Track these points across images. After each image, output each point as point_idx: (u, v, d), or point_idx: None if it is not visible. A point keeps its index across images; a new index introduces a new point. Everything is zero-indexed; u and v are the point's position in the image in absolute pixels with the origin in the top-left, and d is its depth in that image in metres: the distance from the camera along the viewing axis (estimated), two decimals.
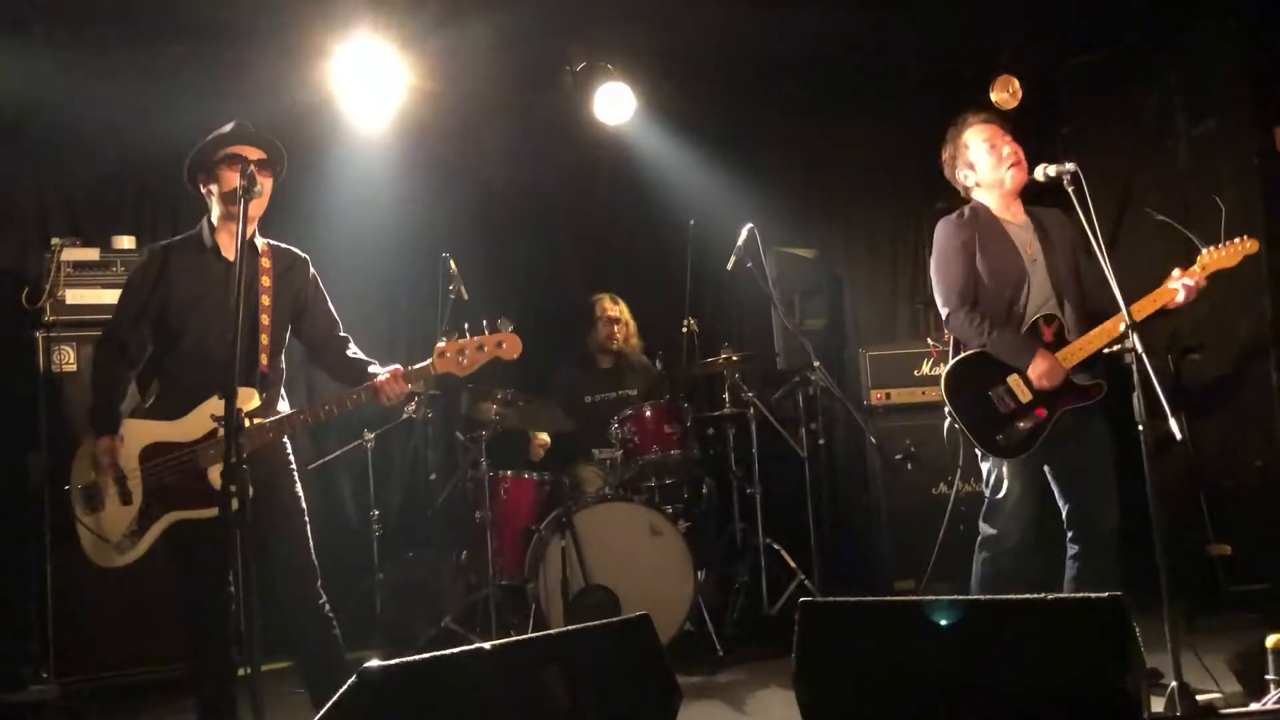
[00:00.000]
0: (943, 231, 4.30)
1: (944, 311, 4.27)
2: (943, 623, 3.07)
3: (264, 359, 3.70)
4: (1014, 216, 4.26)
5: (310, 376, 5.61)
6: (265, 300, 3.74)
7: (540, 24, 5.77)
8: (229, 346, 3.40)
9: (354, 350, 3.93)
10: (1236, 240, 4.08)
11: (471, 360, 3.66)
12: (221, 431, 3.47)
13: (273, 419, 3.66)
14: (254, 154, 3.70)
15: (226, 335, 3.54)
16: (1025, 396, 4.08)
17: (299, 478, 3.83)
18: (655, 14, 5.84)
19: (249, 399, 3.60)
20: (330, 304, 3.98)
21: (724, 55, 6.30)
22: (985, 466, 4.23)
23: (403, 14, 5.53)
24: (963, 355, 4.21)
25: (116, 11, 5.29)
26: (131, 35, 5.41)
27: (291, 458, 3.82)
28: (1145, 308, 3.99)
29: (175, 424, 3.63)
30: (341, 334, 3.96)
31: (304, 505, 3.80)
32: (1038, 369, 4.03)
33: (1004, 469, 4.14)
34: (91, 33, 5.32)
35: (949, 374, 4.22)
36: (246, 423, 3.44)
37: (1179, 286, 4.01)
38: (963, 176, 4.32)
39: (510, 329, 3.70)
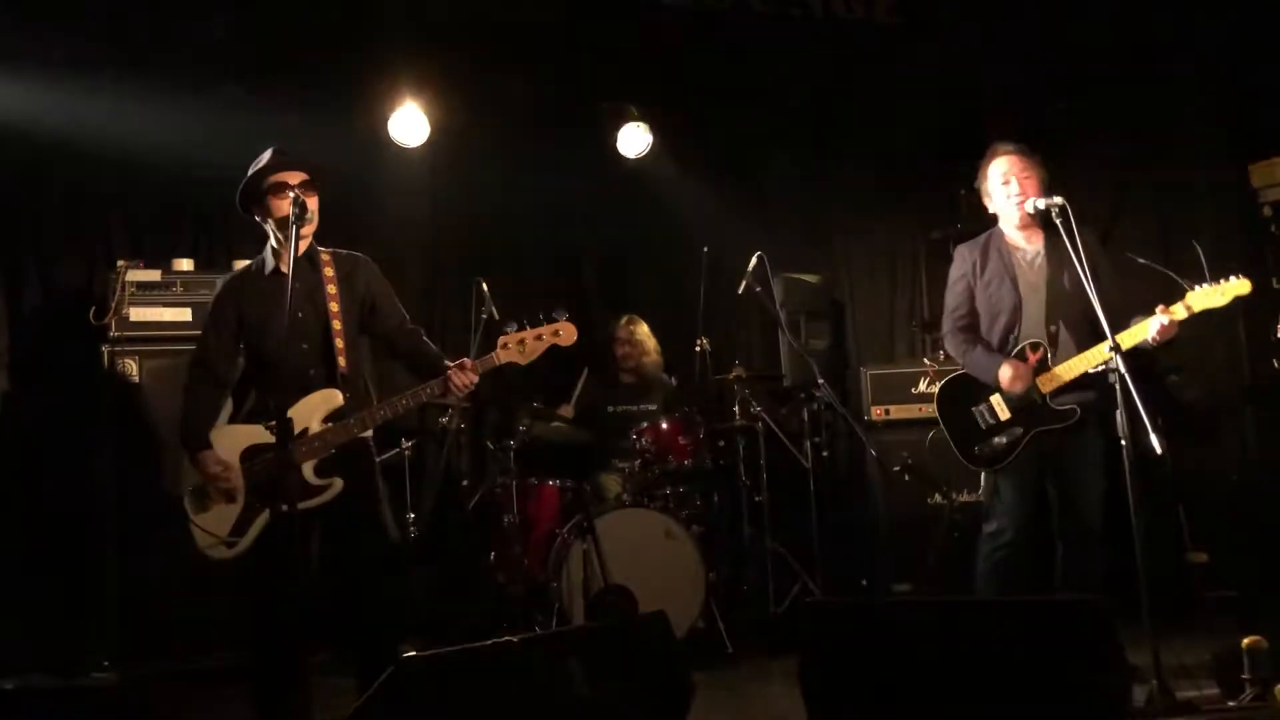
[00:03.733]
0: (955, 258, 4.38)
1: (942, 330, 4.38)
2: (939, 622, 3.07)
3: (341, 360, 3.70)
4: (1026, 243, 4.23)
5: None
6: (334, 306, 3.73)
7: (567, 70, 5.82)
8: (298, 355, 3.57)
9: (428, 344, 3.89)
10: (1232, 279, 3.87)
11: (531, 349, 3.69)
12: (312, 429, 3.59)
13: (362, 413, 3.66)
14: (296, 178, 3.69)
15: (301, 344, 3.65)
16: (1004, 415, 4.12)
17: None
18: (673, 57, 5.89)
19: (332, 399, 3.65)
20: (396, 300, 3.94)
21: (734, 98, 6.33)
22: (984, 473, 4.25)
23: (441, 59, 5.59)
24: (955, 374, 4.32)
25: (179, 58, 5.35)
26: (192, 77, 5.47)
27: (374, 453, 3.82)
28: (1127, 340, 3.87)
29: (272, 427, 3.62)
30: (411, 326, 3.92)
31: (383, 501, 3.81)
32: (1005, 375, 4.07)
33: (996, 476, 4.17)
34: (157, 76, 5.38)
35: (942, 389, 4.33)
36: (313, 425, 3.54)
37: (1159, 323, 3.85)
38: (986, 201, 4.33)
39: (565, 317, 3.73)
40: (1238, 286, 3.88)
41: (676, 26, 5.60)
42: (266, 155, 3.77)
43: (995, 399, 4.14)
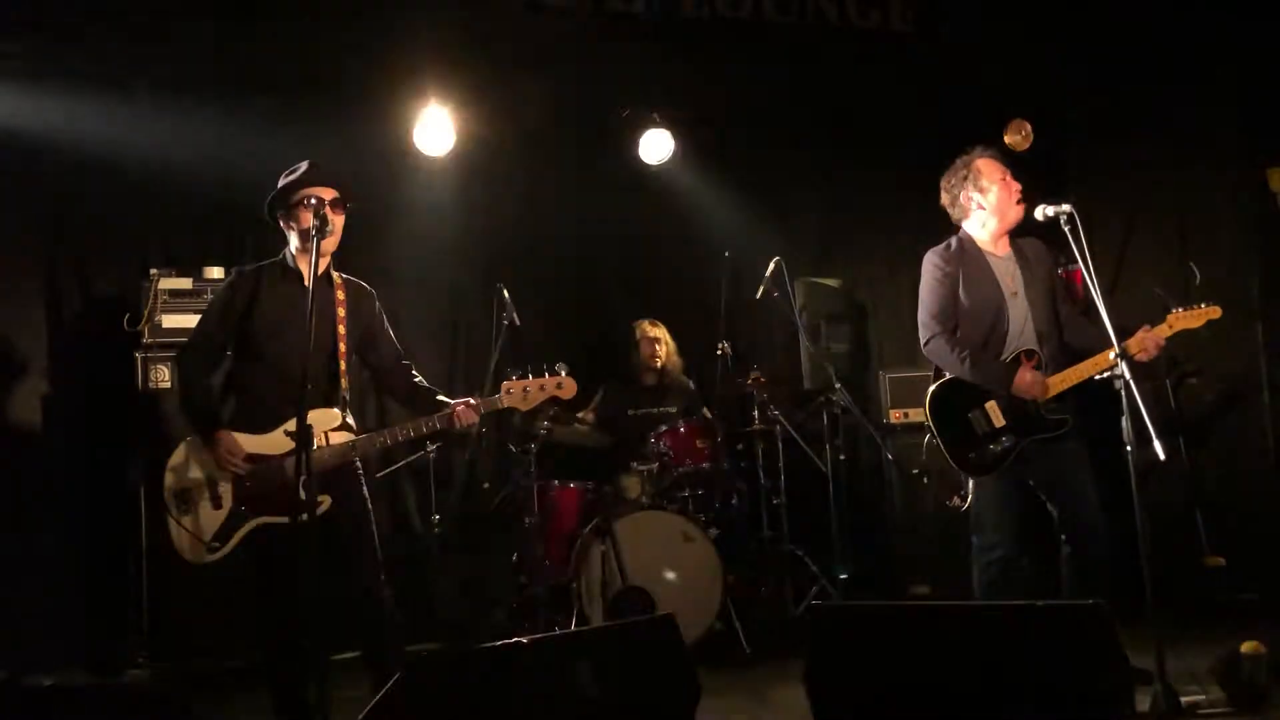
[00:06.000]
0: (929, 262, 4.34)
1: (923, 336, 4.30)
2: (942, 626, 3.12)
3: (344, 382, 3.79)
4: (998, 249, 4.28)
5: (381, 399, 5.74)
6: (341, 329, 3.82)
7: (589, 76, 5.89)
8: (310, 367, 3.54)
9: (418, 376, 4.01)
10: (1203, 305, 4.08)
11: (533, 398, 3.88)
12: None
13: (362, 437, 3.76)
14: (327, 194, 3.76)
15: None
16: (999, 422, 4.13)
17: (365, 483, 3.91)
18: (693, 66, 5.95)
19: (332, 419, 3.72)
20: (392, 334, 4.04)
21: (754, 102, 6.37)
22: (970, 483, 4.27)
23: (466, 69, 5.68)
24: (946, 379, 4.26)
25: (211, 72, 5.47)
26: (223, 91, 5.59)
27: (360, 466, 3.89)
28: (1100, 363, 3.99)
29: (264, 437, 3.70)
30: (405, 360, 4.03)
31: (370, 508, 3.87)
32: (1021, 382, 4.08)
33: (982, 484, 4.19)
34: (189, 90, 5.51)
35: (933, 395, 4.27)
36: (320, 440, 3.58)
37: (1143, 342, 4.02)
38: (971, 200, 4.29)
39: (565, 372, 3.88)
40: (1210, 312, 4.09)
41: (696, 35, 5.66)
42: (303, 166, 3.84)
43: (990, 405, 4.13)
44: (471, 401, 3.82)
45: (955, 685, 2.95)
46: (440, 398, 3.89)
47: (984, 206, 4.27)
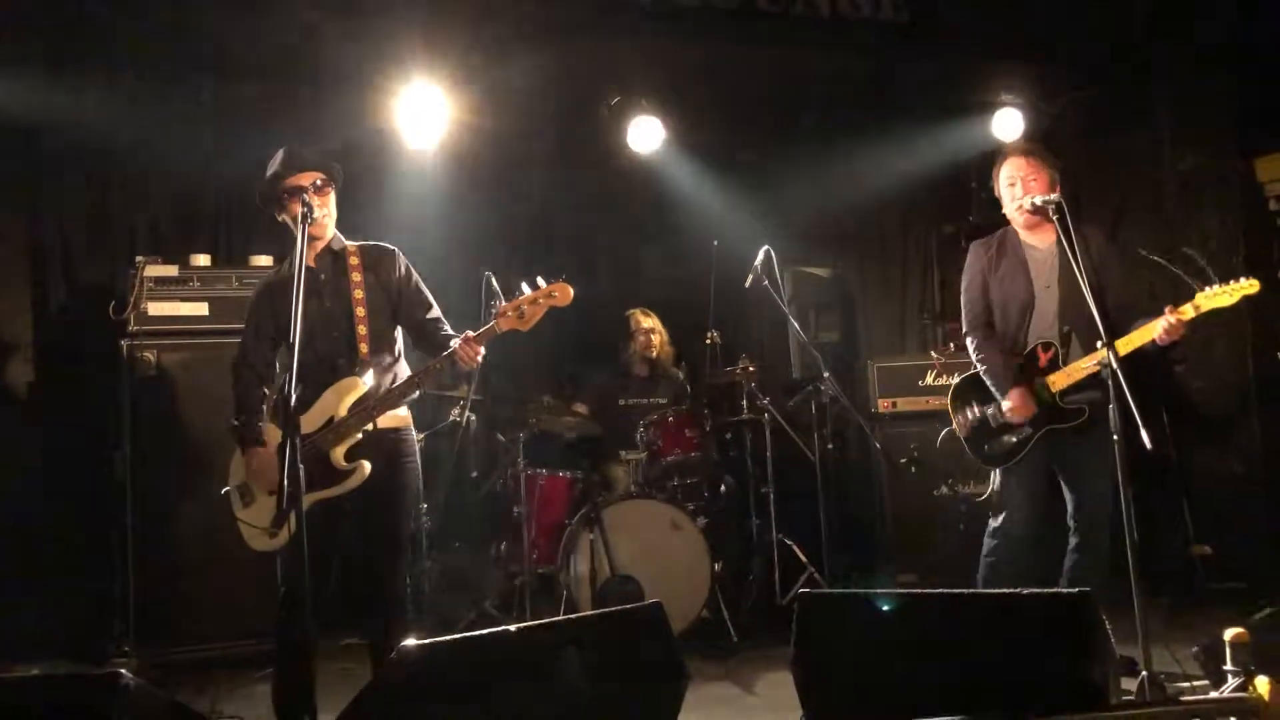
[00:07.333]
0: (968, 256, 4.43)
1: (963, 329, 4.43)
2: (929, 614, 3.14)
3: (363, 348, 3.77)
4: (1039, 242, 4.26)
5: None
6: (358, 294, 3.81)
7: (578, 63, 5.88)
8: (329, 344, 3.71)
9: (446, 330, 3.93)
10: (1241, 280, 3.87)
11: (530, 314, 3.63)
12: (339, 416, 3.70)
13: (380, 396, 3.74)
14: (309, 178, 3.77)
15: (331, 333, 3.76)
16: None
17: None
18: (683, 54, 5.95)
19: (354, 388, 3.73)
20: (424, 290, 3.99)
21: (745, 91, 6.37)
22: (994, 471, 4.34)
23: (454, 56, 5.66)
24: (969, 373, 4.39)
25: (198, 59, 5.45)
26: (210, 77, 5.58)
27: (414, 440, 3.92)
28: (1132, 341, 3.92)
29: (302, 419, 3.64)
30: (433, 316, 3.95)
31: (418, 487, 3.92)
32: (1009, 404, 4.16)
33: (1004, 473, 4.25)
34: (177, 77, 5.49)
35: (955, 388, 4.43)
36: (342, 411, 3.66)
37: (1165, 323, 3.90)
38: (1001, 195, 4.34)
39: (562, 278, 3.68)
40: (1246, 287, 3.88)
41: (686, 23, 5.65)
42: (279, 157, 3.84)
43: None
44: (470, 334, 3.67)
45: (941, 672, 2.97)
46: (453, 341, 3.80)
47: (1004, 211, 4.33)
